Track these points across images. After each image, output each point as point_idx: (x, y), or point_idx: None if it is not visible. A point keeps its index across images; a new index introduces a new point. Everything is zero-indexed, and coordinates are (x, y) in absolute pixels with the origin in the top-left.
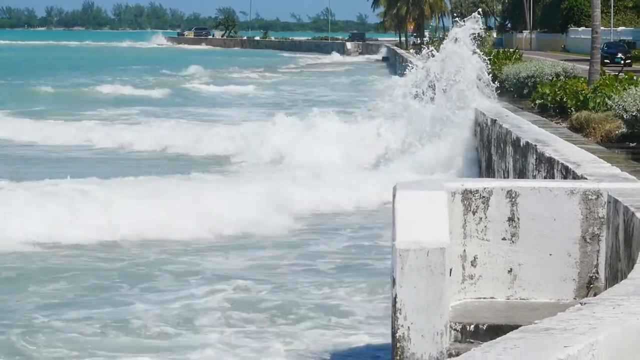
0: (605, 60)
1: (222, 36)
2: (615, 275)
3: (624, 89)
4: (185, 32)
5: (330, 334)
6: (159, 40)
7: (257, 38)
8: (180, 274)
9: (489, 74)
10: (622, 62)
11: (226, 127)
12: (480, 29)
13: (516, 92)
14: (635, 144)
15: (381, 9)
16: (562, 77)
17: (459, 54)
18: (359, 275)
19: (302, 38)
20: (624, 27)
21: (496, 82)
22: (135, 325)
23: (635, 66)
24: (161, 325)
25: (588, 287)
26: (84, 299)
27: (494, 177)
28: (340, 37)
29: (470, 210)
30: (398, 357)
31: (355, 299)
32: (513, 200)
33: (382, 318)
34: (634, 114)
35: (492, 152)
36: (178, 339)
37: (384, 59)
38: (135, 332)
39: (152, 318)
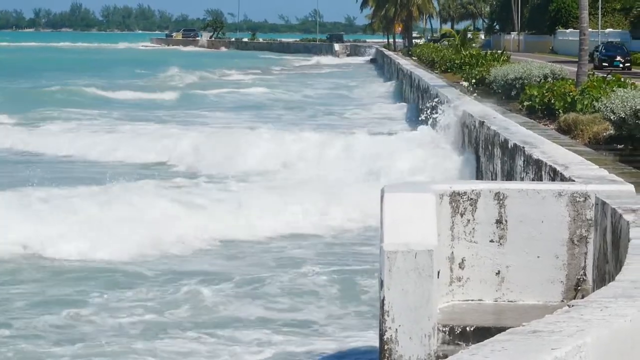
0: (604, 64)
1: (210, 37)
2: (603, 278)
3: (612, 90)
4: (174, 34)
5: (308, 339)
6: (144, 42)
7: (245, 39)
8: (155, 279)
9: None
10: (621, 65)
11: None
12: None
13: (504, 93)
14: (622, 145)
15: (369, 10)
16: (550, 79)
17: None
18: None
19: (290, 39)
20: (611, 29)
21: None
22: (91, 330)
23: (634, 69)
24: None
25: (576, 289)
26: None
27: (482, 179)
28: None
29: (458, 212)
30: (386, 359)
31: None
32: (501, 202)
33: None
34: (621, 115)
35: (480, 154)
36: (142, 346)
37: (372, 61)
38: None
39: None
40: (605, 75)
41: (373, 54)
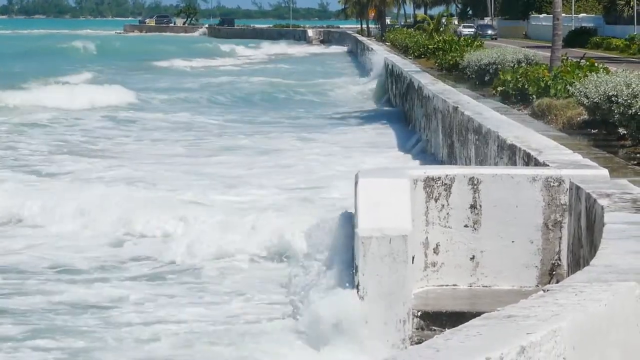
0: None
1: (183, 24)
2: (578, 262)
3: (585, 75)
4: (147, 20)
5: None
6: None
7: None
8: None
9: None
10: None
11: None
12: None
13: (477, 79)
14: (596, 130)
15: None
16: (523, 64)
17: None
18: None
19: (264, 26)
20: (585, 14)
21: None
22: None
23: (608, 54)
24: None
25: (550, 274)
26: None
27: (456, 164)
28: (298, 25)
29: (432, 197)
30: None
31: None
32: (475, 187)
33: None
34: (595, 100)
35: (454, 140)
36: None
37: (346, 47)
38: None
39: None
40: (579, 59)
41: (346, 39)
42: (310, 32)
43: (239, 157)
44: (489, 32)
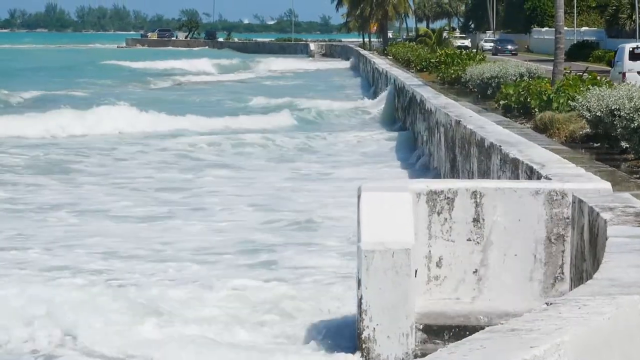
0: None
1: (185, 37)
2: (581, 276)
3: (587, 89)
4: (149, 34)
5: None
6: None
7: (221, 39)
8: None
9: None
10: None
11: None
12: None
13: (480, 92)
14: (599, 144)
15: (345, 9)
16: (525, 78)
17: None
18: None
19: (266, 39)
20: (587, 28)
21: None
22: None
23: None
24: None
25: (553, 288)
26: None
27: (458, 178)
28: (300, 39)
29: (435, 211)
30: (364, 358)
31: None
32: (478, 201)
33: None
34: (597, 114)
35: (456, 153)
36: None
37: (349, 60)
38: None
39: None
40: (581, 73)
41: (350, 53)
42: (312, 46)
43: None
44: (509, 47)
